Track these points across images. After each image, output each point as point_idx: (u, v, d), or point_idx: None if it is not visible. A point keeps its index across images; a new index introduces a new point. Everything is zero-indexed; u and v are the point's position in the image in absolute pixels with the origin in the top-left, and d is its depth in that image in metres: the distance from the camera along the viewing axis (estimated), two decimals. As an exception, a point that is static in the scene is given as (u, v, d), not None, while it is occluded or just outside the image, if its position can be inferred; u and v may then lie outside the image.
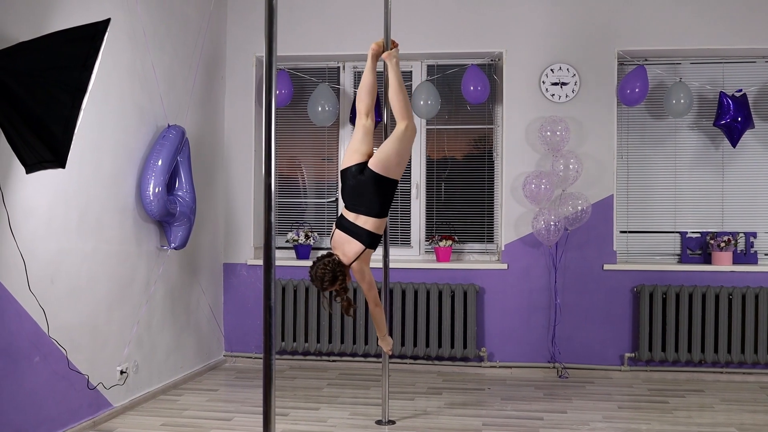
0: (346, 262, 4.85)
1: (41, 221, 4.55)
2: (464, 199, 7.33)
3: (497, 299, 7.01)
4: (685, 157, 7.07)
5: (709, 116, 6.93)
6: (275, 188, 2.97)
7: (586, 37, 6.91)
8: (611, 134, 6.89)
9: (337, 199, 7.45)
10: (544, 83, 6.93)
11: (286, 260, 7.28)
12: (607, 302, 6.87)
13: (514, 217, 6.98)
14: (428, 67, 7.31)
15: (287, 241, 7.33)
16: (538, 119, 6.90)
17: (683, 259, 6.98)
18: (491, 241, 7.27)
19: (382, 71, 5.22)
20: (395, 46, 5.18)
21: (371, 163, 4.79)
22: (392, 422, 5.35)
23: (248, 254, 7.33)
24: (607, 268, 6.85)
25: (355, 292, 6.98)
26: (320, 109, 7.06)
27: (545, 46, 6.96)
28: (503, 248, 7.00)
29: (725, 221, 6.99)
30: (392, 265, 6.37)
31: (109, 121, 5.29)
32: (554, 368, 6.89)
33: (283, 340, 7.14)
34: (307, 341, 7.14)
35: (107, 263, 5.31)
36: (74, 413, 4.92)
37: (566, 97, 6.91)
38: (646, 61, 6.99)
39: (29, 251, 4.40)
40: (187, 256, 6.53)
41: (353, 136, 4.98)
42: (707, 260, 6.91)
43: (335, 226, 4.96)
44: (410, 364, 7.08)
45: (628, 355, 6.83)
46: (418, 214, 7.33)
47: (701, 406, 5.84)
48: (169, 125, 6.03)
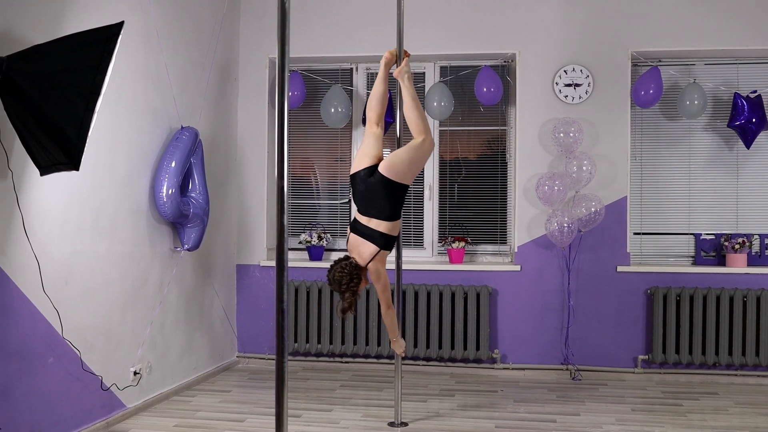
0: (362, 263, 4.87)
1: (55, 223, 4.57)
2: (477, 200, 7.32)
3: (510, 301, 7.00)
4: (699, 158, 7.04)
5: (723, 117, 6.90)
6: (288, 190, 2.97)
7: (599, 38, 6.89)
8: (625, 135, 6.87)
9: (349, 200, 7.45)
10: (557, 84, 6.92)
11: (299, 261, 7.29)
12: (620, 304, 6.85)
13: (527, 218, 6.96)
14: (441, 68, 7.31)
15: (300, 242, 7.34)
16: (551, 120, 6.88)
17: (697, 260, 6.95)
18: (504, 242, 7.26)
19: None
20: (407, 56, 5.17)
21: (381, 166, 4.77)
22: (405, 424, 5.35)
23: (261, 255, 7.35)
24: (620, 269, 6.83)
25: (367, 292, 6.99)
26: (333, 110, 7.07)
27: (558, 47, 6.95)
28: (516, 250, 6.99)
29: (739, 223, 6.96)
30: (405, 266, 6.38)
31: (122, 122, 5.31)
32: (567, 370, 6.87)
33: (296, 341, 7.15)
34: (319, 342, 7.15)
35: (121, 264, 5.33)
36: (88, 414, 4.94)
37: (579, 98, 6.89)
38: (659, 62, 6.96)
39: (43, 253, 4.42)
40: (200, 257, 6.55)
41: (363, 141, 4.99)
42: (721, 262, 6.88)
43: (350, 229, 4.98)
44: (423, 365, 7.08)
45: (641, 357, 6.80)
46: (430, 215, 7.33)
47: (715, 409, 5.81)
48: (182, 127, 6.05)
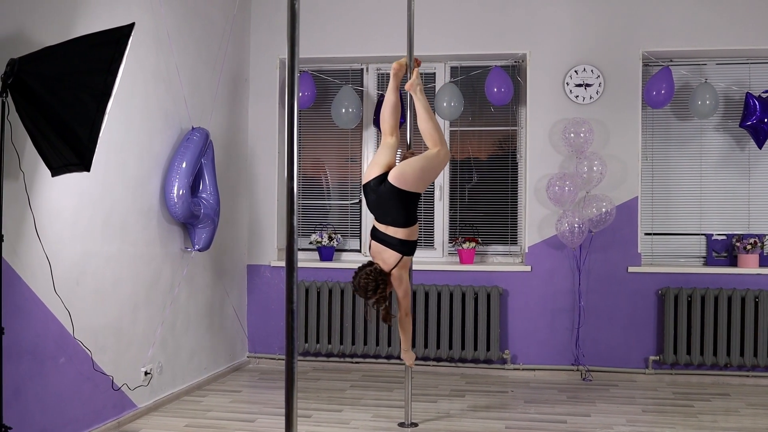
0: (386, 269, 4.91)
1: (67, 223, 4.59)
2: (487, 201, 7.31)
3: (521, 301, 6.99)
4: (710, 158, 7.01)
5: (734, 117, 6.87)
6: (298, 191, 2.97)
7: (610, 38, 6.87)
8: (636, 135, 6.85)
9: (360, 201, 7.45)
10: (568, 85, 6.90)
11: (309, 262, 7.30)
12: (631, 305, 6.83)
13: (537, 218, 6.95)
14: (452, 68, 7.30)
15: (310, 242, 7.35)
16: (561, 121, 6.87)
17: (709, 261, 6.92)
18: (515, 243, 7.25)
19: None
20: (418, 64, 5.18)
21: (390, 175, 4.76)
22: (415, 425, 5.35)
23: (272, 256, 7.35)
24: (631, 270, 6.81)
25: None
26: (344, 111, 7.08)
27: (569, 47, 6.93)
28: (527, 250, 6.98)
29: (751, 223, 6.92)
30: (415, 267, 6.36)
31: (133, 123, 5.33)
32: (578, 371, 6.86)
33: (306, 341, 7.16)
34: (330, 343, 7.15)
35: (132, 265, 5.34)
36: (99, 414, 4.96)
37: (590, 98, 6.87)
38: (671, 62, 6.93)
39: (55, 253, 4.44)
40: (211, 257, 6.57)
41: (378, 152, 5.01)
42: (733, 263, 6.85)
43: (370, 236, 5.00)
44: (433, 366, 7.07)
45: (652, 358, 6.78)
46: (441, 216, 7.32)
47: (727, 410, 5.79)
48: (193, 127, 6.07)
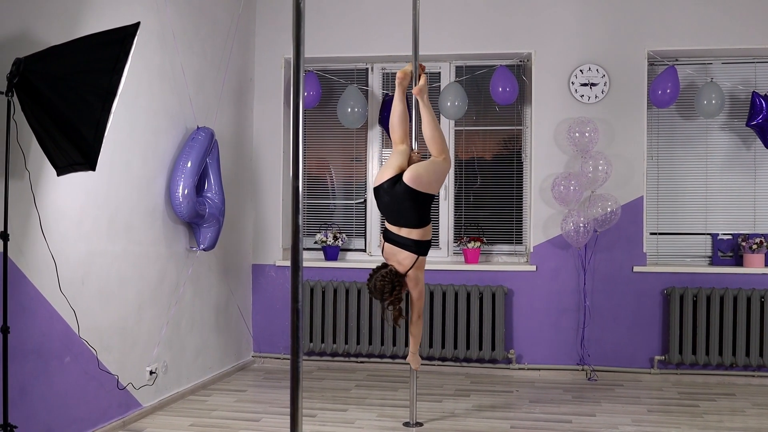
0: (402, 270, 4.92)
1: (72, 223, 4.60)
2: (493, 200, 7.30)
3: (526, 301, 6.98)
4: (716, 157, 6.99)
5: (740, 117, 6.85)
6: (303, 191, 2.97)
7: (615, 37, 6.86)
8: (641, 135, 6.84)
9: (365, 200, 7.46)
10: (573, 84, 6.89)
11: (314, 261, 7.30)
12: (636, 304, 6.82)
13: (542, 218, 6.94)
14: (457, 68, 7.30)
15: (315, 242, 7.35)
16: (567, 120, 6.86)
17: (714, 261, 6.90)
18: (520, 242, 7.24)
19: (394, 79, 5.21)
20: (423, 69, 5.19)
21: (406, 177, 4.78)
22: (420, 424, 5.34)
23: (277, 255, 7.36)
24: (636, 270, 6.80)
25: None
26: (349, 110, 7.08)
27: (574, 46, 6.92)
28: (532, 250, 6.97)
29: (757, 223, 6.91)
30: (420, 266, 6.37)
31: (139, 123, 5.34)
32: (583, 371, 6.85)
33: (311, 341, 7.16)
34: (335, 342, 7.15)
35: (137, 264, 5.35)
36: (104, 413, 4.96)
37: (596, 97, 6.86)
38: (676, 61, 6.92)
39: (60, 253, 4.45)
40: (216, 257, 6.57)
41: (389, 158, 5.01)
42: (739, 262, 6.83)
43: (383, 238, 5.01)
44: (438, 365, 7.07)
45: (657, 357, 6.77)
46: (446, 215, 7.31)
47: (732, 410, 5.78)
48: (198, 127, 6.07)
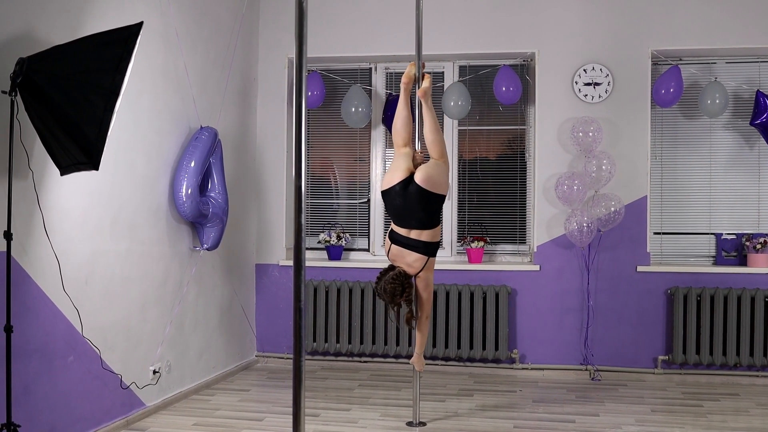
0: (412, 272, 4.93)
1: (75, 222, 4.60)
2: (496, 200, 7.30)
3: (529, 301, 6.97)
4: (720, 157, 6.98)
5: (744, 116, 6.84)
6: (306, 190, 2.97)
7: (619, 37, 6.85)
8: (644, 134, 6.83)
9: (369, 199, 7.46)
10: (576, 84, 6.88)
11: (318, 261, 7.31)
12: (640, 304, 6.81)
13: (546, 218, 6.94)
14: (460, 67, 7.29)
15: (319, 242, 7.36)
16: (570, 120, 6.85)
17: (718, 260, 6.89)
18: (523, 242, 7.23)
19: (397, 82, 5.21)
20: (423, 66, 5.21)
21: (418, 178, 4.80)
22: (423, 424, 5.34)
23: (280, 255, 7.36)
24: (640, 269, 6.79)
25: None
26: (353, 110, 7.08)
27: (578, 46, 6.91)
28: (535, 250, 6.97)
29: (761, 222, 6.89)
30: (423, 266, 6.37)
31: (142, 122, 5.34)
32: (587, 371, 6.84)
33: (314, 340, 7.16)
34: (338, 342, 7.15)
35: (140, 264, 5.36)
36: (107, 412, 4.97)
37: (599, 97, 6.86)
38: (680, 60, 6.91)
39: (64, 252, 4.45)
40: (219, 256, 6.57)
41: (393, 161, 5.01)
42: (743, 262, 6.82)
43: (389, 240, 4.99)
44: (442, 365, 7.06)
45: (661, 357, 6.76)
46: (450, 215, 7.30)
47: (736, 410, 5.76)
48: (201, 127, 6.07)
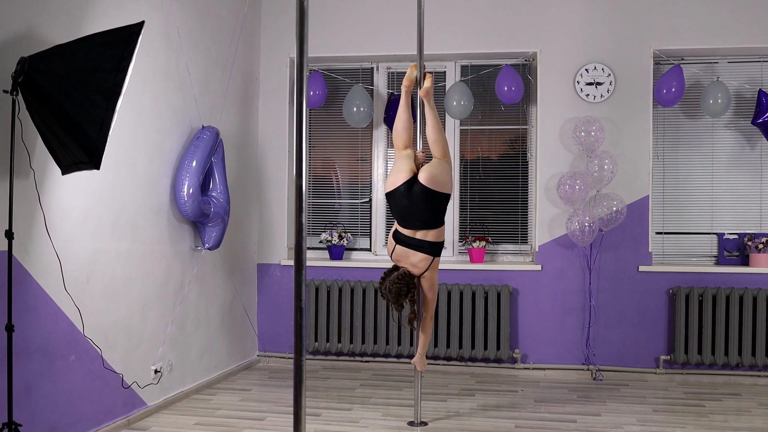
0: (417, 272, 4.92)
1: (77, 222, 4.61)
2: (498, 199, 7.30)
3: (531, 300, 6.97)
4: (722, 156, 6.97)
5: (746, 115, 6.83)
6: (307, 189, 2.97)
7: (621, 36, 6.85)
8: (646, 134, 6.82)
9: (370, 199, 7.46)
10: (578, 83, 6.88)
11: (319, 261, 7.31)
12: (642, 304, 6.80)
13: (548, 218, 6.93)
14: (462, 67, 7.29)
15: (321, 241, 7.36)
16: (572, 119, 6.85)
17: (720, 260, 6.88)
18: (525, 242, 7.23)
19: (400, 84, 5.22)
20: (424, 68, 5.21)
21: (422, 178, 4.80)
22: (424, 423, 5.34)
23: (282, 254, 7.36)
24: (642, 269, 6.78)
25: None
26: (355, 110, 7.08)
27: (580, 45, 6.91)
28: (537, 249, 6.96)
29: (763, 222, 6.88)
30: (425, 266, 6.36)
31: (143, 122, 5.34)
32: (588, 370, 6.84)
33: (316, 340, 7.16)
34: (340, 342, 7.15)
35: (142, 263, 5.36)
36: (109, 412, 4.97)
37: (601, 97, 6.85)
38: (682, 60, 6.90)
39: (65, 251, 4.46)
40: (221, 256, 6.58)
41: (396, 162, 5.01)
42: (745, 262, 6.81)
43: (393, 240, 4.98)
44: (443, 365, 7.06)
45: (663, 357, 6.75)
46: (451, 214, 7.28)
47: (738, 410, 5.76)
48: (203, 126, 6.07)
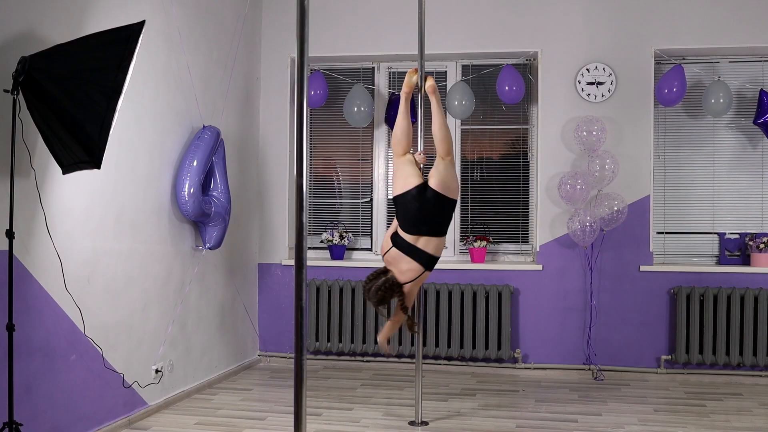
0: (403, 280, 4.83)
1: (78, 221, 4.61)
2: (499, 199, 7.29)
3: (532, 300, 6.97)
4: (723, 156, 6.97)
5: (748, 115, 6.82)
6: (308, 189, 2.97)
7: (622, 36, 6.84)
8: (648, 134, 6.81)
9: (371, 199, 7.45)
10: (579, 83, 6.88)
11: (320, 260, 7.31)
12: (643, 304, 6.80)
13: (549, 217, 6.93)
14: (463, 67, 7.29)
15: (321, 241, 7.35)
16: (573, 119, 6.84)
17: (721, 260, 6.87)
18: (526, 242, 7.23)
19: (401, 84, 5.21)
20: (416, 71, 5.18)
21: (434, 184, 4.77)
22: (425, 423, 5.34)
23: (283, 254, 7.36)
24: (643, 269, 6.77)
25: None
26: (356, 109, 7.07)
27: (581, 45, 6.90)
28: (538, 249, 6.96)
29: (765, 222, 6.88)
30: (426, 265, 6.36)
31: (144, 122, 5.34)
32: (589, 370, 6.83)
33: (317, 340, 7.16)
34: (341, 341, 7.15)
35: (143, 263, 5.36)
36: (109, 411, 4.97)
37: (602, 96, 6.85)
38: (683, 59, 6.90)
39: (66, 251, 4.46)
40: (222, 256, 6.57)
41: (398, 168, 4.94)
42: (746, 262, 6.81)
43: (390, 242, 4.90)
44: (444, 365, 7.06)
45: (664, 357, 6.74)
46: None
47: (739, 409, 5.75)
48: (204, 126, 6.07)
